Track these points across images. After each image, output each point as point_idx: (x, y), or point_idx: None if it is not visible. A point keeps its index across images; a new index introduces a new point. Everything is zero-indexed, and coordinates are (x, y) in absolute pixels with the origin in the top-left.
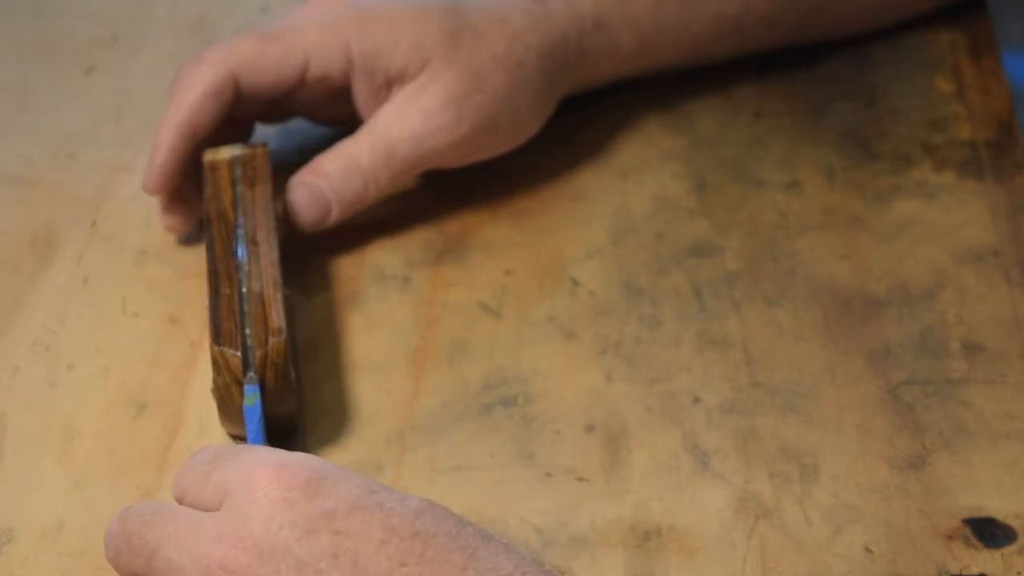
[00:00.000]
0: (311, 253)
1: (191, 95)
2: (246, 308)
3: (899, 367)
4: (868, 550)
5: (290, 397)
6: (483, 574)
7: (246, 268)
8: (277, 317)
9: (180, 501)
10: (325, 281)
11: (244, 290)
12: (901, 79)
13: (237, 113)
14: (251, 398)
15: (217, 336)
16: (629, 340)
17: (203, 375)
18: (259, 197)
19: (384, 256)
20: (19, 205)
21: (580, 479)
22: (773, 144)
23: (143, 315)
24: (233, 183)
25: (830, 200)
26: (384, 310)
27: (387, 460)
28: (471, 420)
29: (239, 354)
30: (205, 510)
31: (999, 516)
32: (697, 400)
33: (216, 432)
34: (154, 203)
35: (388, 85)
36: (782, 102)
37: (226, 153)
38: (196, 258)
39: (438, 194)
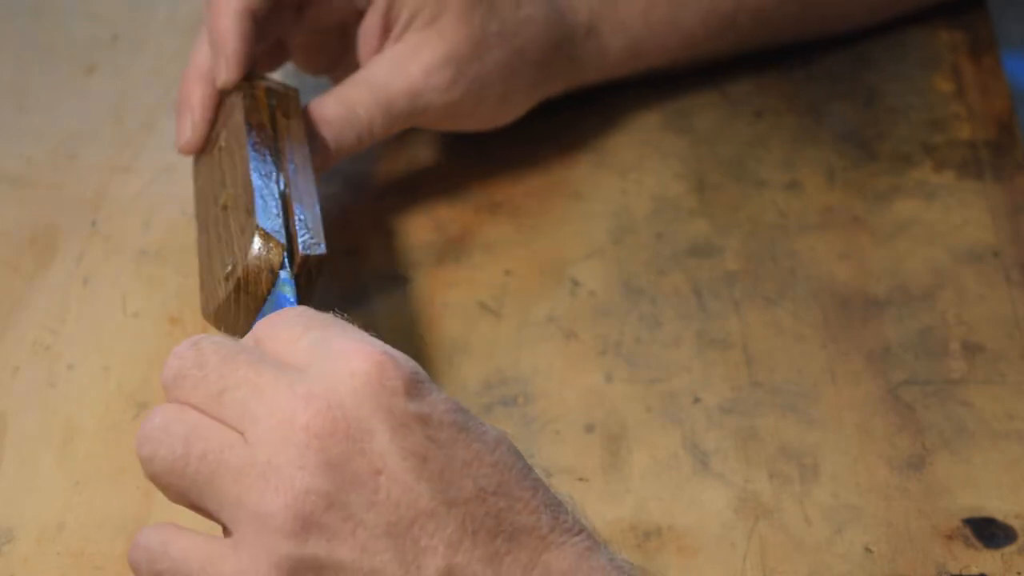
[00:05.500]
0: None
1: None
2: (287, 218)
3: (899, 367)
4: (868, 550)
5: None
6: (553, 521)
7: (285, 188)
8: (319, 232)
9: (257, 344)
10: (325, 281)
11: (284, 204)
12: (901, 79)
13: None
14: (289, 289)
15: (264, 222)
16: (629, 340)
17: None
18: (294, 129)
19: (384, 256)
20: (19, 205)
21: (580, 479)
22: (773, 144)
23: (143, 315)
24: (270, 107)
25: (830, 200)
26: (384, 310)
27: None
28: None
29: (285, 243)
30: (288, 364)
31: (999, 516)
32: (697, 400)
33: None
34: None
35: (391, 27)
36: (782, 102)
37: (260, 82)
38: (196, 258)
39: (438, 194)
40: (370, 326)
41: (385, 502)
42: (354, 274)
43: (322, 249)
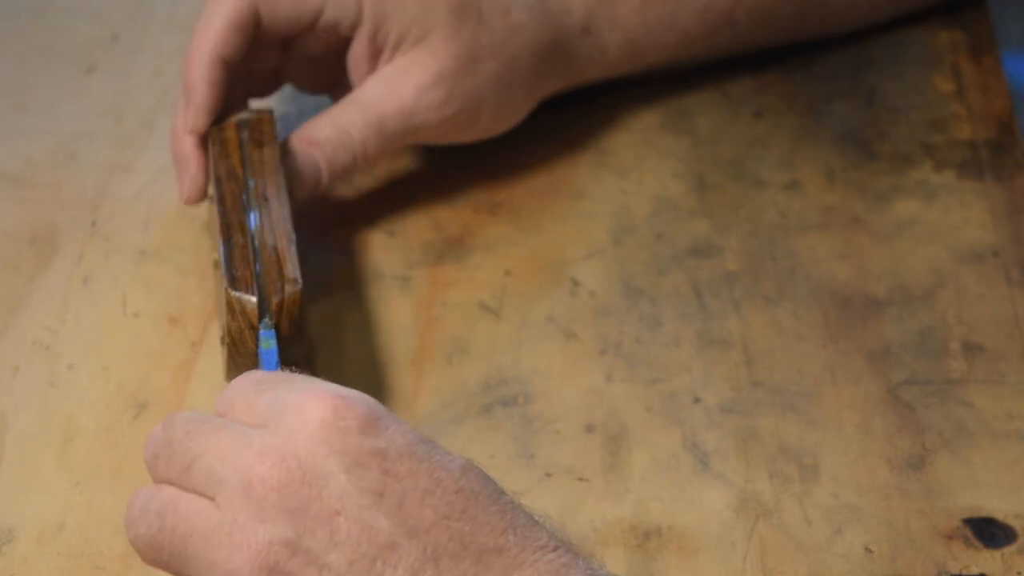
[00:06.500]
0: (311, 252)
1: (214, 26)
2: (260, 259)
3: (899, 367)
4: (868, 550)
5: (303, 346)
6: (523, 540)
7: (258, 224)
8: (292, 267)
9: (223, 416)
10: (325, 281)
11: (256, 243)
12: (901, 79)
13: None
14: (268, 342)
15: (232, 281)
16: (629, 340)
17: (203, 375)
18: (267, 158)
19: (384, 256)
20: (19, 205)
21: (580, 479)
22: (773, 144)
23: (143, 315)
24: (240, 145)
25: (830, 200)
26: (384, 310)
27: None
28: (471, 420)
29: (255, 299)
30: (251, 427)
31: (999, 516)
32: (697, 400)
33: None
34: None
35: (381, 51)
36: (782, 101)
37: (232, 119)
38: (196, 258)
39: (438, 194)
40: (369, 326)
41: (346, 541)
42: (353, 274)
43: (298, 285)
